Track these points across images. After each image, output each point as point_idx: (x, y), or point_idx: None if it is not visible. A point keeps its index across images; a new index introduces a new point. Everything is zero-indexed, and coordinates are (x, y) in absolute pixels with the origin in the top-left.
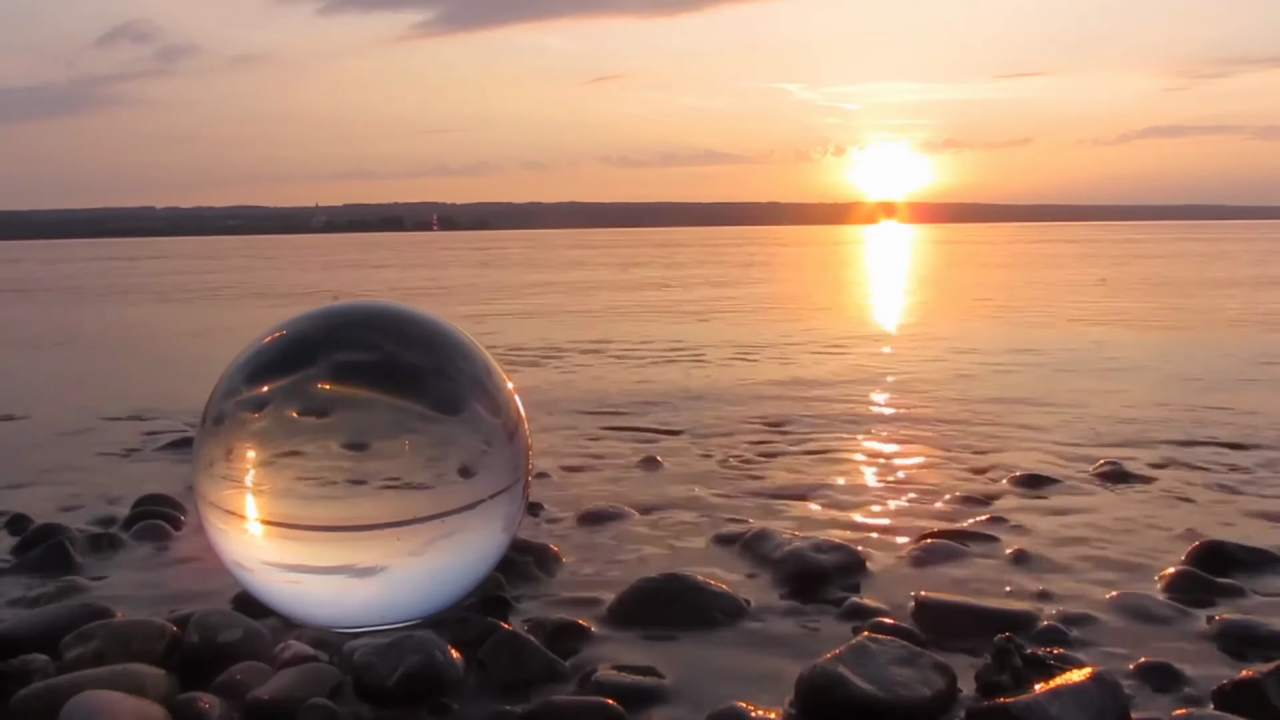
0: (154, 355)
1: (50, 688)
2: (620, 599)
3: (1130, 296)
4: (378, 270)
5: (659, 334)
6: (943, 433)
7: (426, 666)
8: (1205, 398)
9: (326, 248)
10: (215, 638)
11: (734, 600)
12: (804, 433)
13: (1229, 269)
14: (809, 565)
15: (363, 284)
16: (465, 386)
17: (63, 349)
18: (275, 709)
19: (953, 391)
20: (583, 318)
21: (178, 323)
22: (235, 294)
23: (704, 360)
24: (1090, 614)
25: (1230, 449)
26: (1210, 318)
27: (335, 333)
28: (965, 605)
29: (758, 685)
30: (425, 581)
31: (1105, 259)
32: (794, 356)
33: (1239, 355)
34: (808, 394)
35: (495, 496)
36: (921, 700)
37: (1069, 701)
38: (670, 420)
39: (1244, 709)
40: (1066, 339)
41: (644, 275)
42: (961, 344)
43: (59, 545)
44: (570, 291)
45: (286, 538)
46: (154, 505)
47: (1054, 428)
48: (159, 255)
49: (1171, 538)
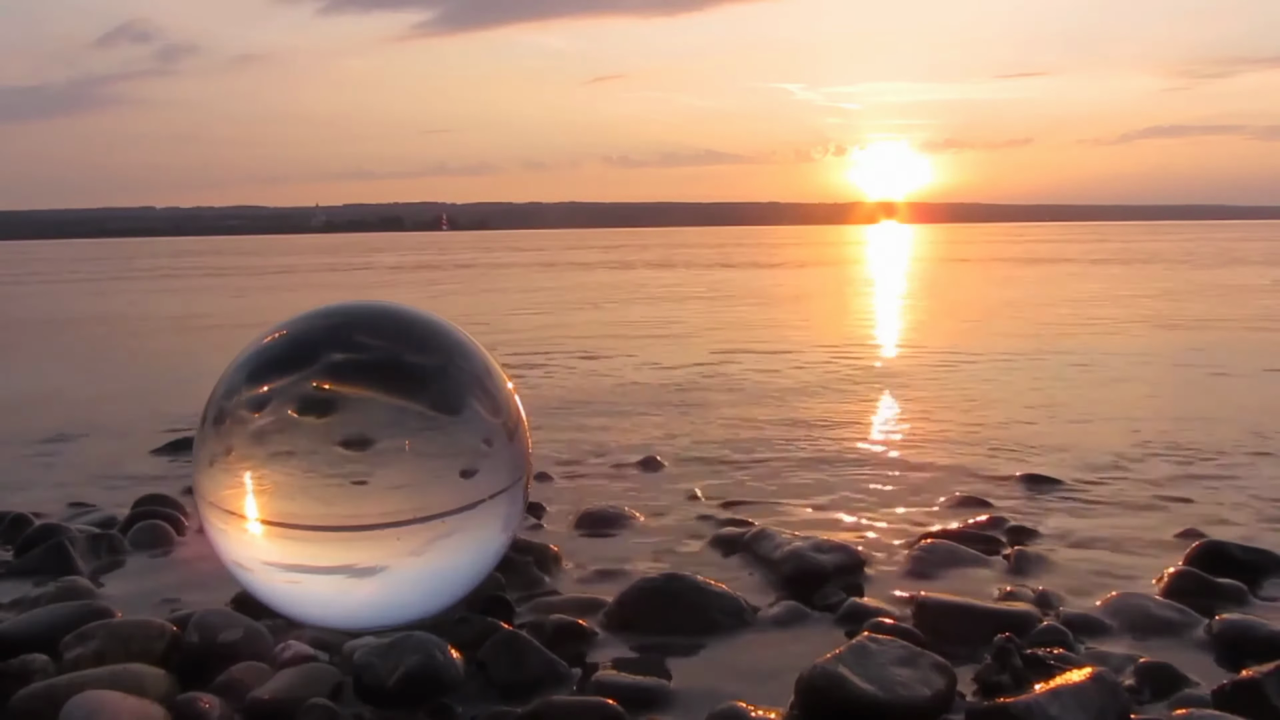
0: (154, 355)
1: (50, 688)
2: (620, 599)
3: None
4: (492, 295)
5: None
6: (944, 433)
7: (426, 667)
8: (1210, 399)
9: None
10: (215, 638)
11: (734, 601)
12: (804, 433)
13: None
14: (809, 565)
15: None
16: (465, 386)
17: (63, 348)
18: (275, 709)
19: (953, 391)
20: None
21: (177, 323)
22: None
23: (703, 360)
24: (1090, 614)
25: (1230, 449)
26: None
27: (335, 332)
28: (965, 605)
29: (758, 685)
30: (425, 581)
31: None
32: (798, 357)
33: (1261, 353)
34: (808, 394)
35: (495, 496)
36: (921, 700)
37: (1069, 701)
38: (671, 420)
39: (1244, 709)
40: (1083, 342)
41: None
42: (962, 343)
43: (59, 545)
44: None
45: (286, 538)
46: (154, 505)
47: (1055, 428)
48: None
49: (1172, 538)
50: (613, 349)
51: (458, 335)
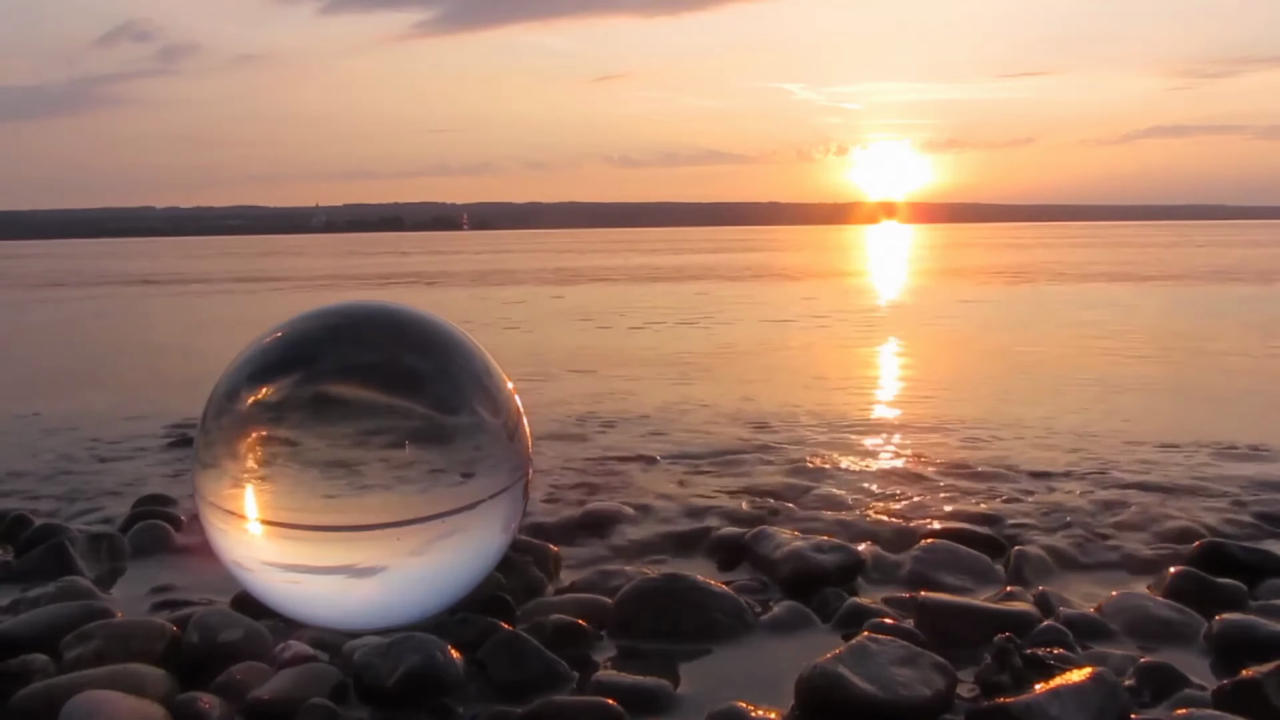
0: (154, 355)
1: (50, 688)
2: (620, 599)
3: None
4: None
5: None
6: (944, 432)
7: (426, 667)
8: (1214, 398)
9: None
10: (215, 638)
11: (734, 601)
12: (804, 433)
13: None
14: (809, 565)
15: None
16: (465, 386)
17: (62, 349)
18: (275, 709)
19: (954, 391)
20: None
21: (180, 322)
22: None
23: (705, 360)
24: (1090, 614)
25: (1233, 449)
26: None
27: (335, 333)
28: (965, 605)
29: (758, 685)
30: (425, 581)
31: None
32: (802, 359)
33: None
34: (809, 394)
35: (495, 496)
36: (921, 700)
37: (1069, 701)
38: (671, 420)
39: (1244, 709)
40: (1071, 340)
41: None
42: (962, 343)
43: (59, 545)
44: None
45: (286, 538)
46: (154, 505)
47: (1056, 428)
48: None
49: (1172, 538)
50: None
51: (458, 335)
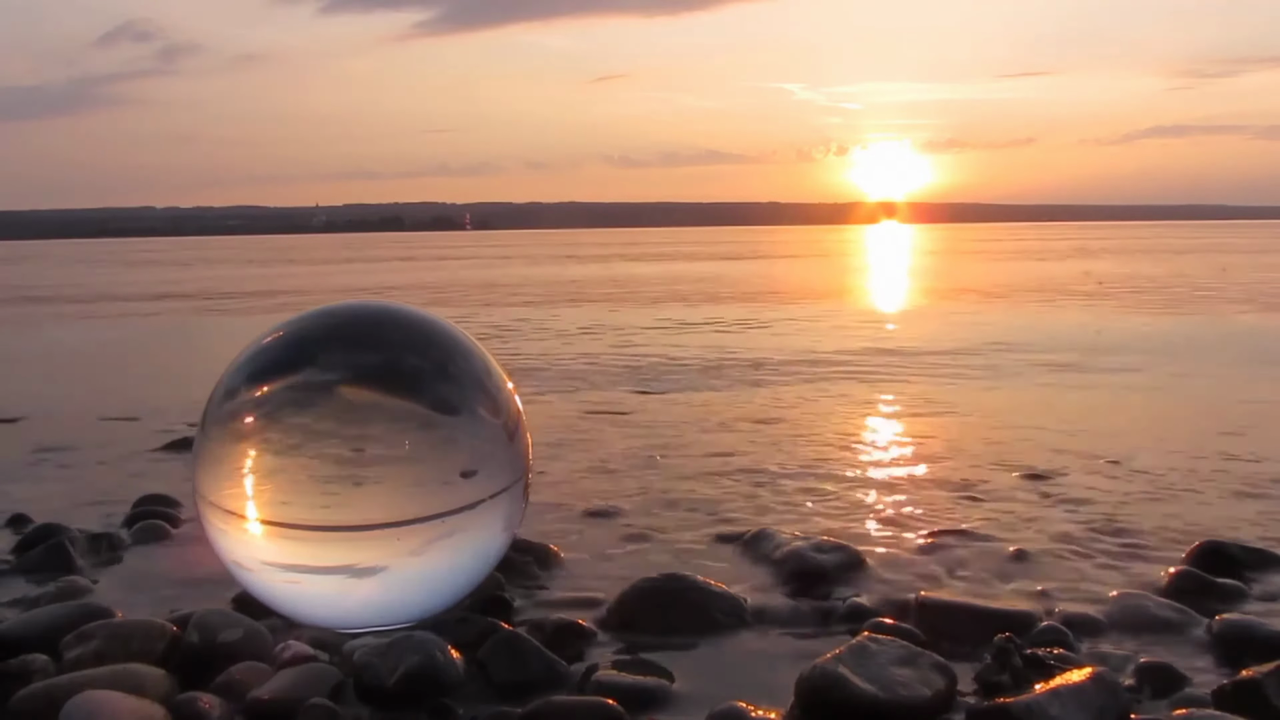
0: (153, 355)
1: (50, 688)
2: (620, 599)
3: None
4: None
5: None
6: (944, 432)
7: (426, 666)
8: (1218, 399)
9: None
10: (215, 638)
11: (734, 600)
12: (804, 433)
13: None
14: (809, 565)
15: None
16: (465, 386)
17: (61, 348)
18: (275, 709)
19: (954, 391)
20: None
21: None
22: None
23: (707, 362)
24: (1090, 614)
25: (1233, 449)
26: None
27: (335, 333)
28: (965, 605)
29: (758, 685)
30: (425, 581)
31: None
32: (804, 359)
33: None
34: (806, 391)
35: (495, 496)
36: (921, 700)
37: (1069, 701)
38: (670, 419)
39: (1244, 709)
40: (1070, 334)
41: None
42: (962, 345)
43: (59, 545)
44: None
45: (286, 538)
46: (154, 505)
47: (1057, 427)
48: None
49: (1172, 538)
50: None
51: (458, 335)
